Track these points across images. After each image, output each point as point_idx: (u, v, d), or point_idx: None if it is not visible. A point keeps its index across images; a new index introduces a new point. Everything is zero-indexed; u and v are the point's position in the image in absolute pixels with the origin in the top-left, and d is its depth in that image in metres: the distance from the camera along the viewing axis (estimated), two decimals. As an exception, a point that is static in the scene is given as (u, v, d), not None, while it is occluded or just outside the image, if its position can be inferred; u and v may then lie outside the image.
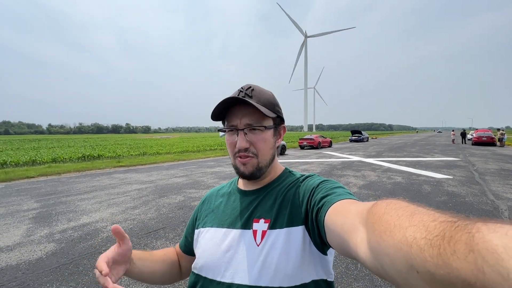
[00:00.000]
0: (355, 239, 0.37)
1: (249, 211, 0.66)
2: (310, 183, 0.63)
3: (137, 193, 6.60)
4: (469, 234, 0.21)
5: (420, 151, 17.85)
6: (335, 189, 0.55)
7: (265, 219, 0.62)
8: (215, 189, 0.82)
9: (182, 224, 4.23)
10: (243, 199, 0.70)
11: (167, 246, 3.45)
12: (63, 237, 3.83)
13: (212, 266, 0.63)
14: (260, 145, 0.64)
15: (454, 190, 6.45)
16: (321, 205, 0.52)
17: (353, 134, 34.27)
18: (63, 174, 10.05)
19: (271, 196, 0.66)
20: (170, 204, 5.50)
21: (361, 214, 0.39)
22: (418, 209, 0.30)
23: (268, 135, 0.66)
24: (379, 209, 0.34)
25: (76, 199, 6.07)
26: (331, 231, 0.46)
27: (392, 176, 8.41)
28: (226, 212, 0.70)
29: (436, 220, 0.25)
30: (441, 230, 0.24)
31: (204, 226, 0.72)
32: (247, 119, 0.63)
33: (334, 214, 0.47)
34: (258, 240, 0.60)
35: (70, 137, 74.43)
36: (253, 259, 0.58)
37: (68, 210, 5.19)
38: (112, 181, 8.41)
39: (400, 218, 0.29)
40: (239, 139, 0.63)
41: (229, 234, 0.65)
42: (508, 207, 5.01)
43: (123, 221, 4.47)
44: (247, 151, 0.64)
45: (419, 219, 0.27)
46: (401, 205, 0.32)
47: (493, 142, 22.41)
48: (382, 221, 0.31)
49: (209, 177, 8.78)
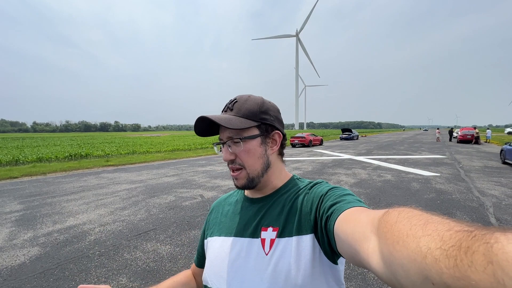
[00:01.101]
0: (366, 248, 0.36)
1: (256, 219, 0.65)
2: (319, 190, 0.61)
3: (126, 193, 6.45)
4: (487, 245, 0.20)
5: (409, 149, 18.25)
6: (344, 197, 0.54)
7: (273, 227, 0.61)
8: (222, 198, 0.82)
9: (173, 225, 4.16)
10: (251, 207, 0.69)
11: (158, 248, 3.37)
12: (48, 240, 3.69)
13: (219, 276, 0.62)
14: (243, 156, 0.63)
15: (442, 187, 6.61)
16: (330, 213, 0.51)
17: (344, 132, 34.76)
18: (48, 174, 9.72)
19: (278, 203, 0.65)
20: (160, 204, 5.40)
21: (372, 223, 0.37)
22: (432, 217, 0.29)
23: (253, 145, 0.64)
24: (391, 218, 0.33)
25: (62, 200, 5.87)
26: (341, 239, 0.45)
27: (382, 174, 8.54)
28: (234, 221, 0.69)
29: (451, 229, 0.24)
30: (457, 240, 0.23)
31: (212, 235, 0.71)
32: (227, 132, 0.64)
33: (344, 222, 0.46)
34: (266, 249, 0.59)
35: (56, 136, 72.27)
36: (261, 269, 0.57)
37: (54, 211, 5.01)
38: (100, 181, 8.20)
39: (413, 228, 0.28)
40: (224, 152, 0.65)
41: (237, 243, 0.64)
42: (492, 204, 5.17)
43: (111, 222, 4.35)
44: (234, 163, 0.64)
45: (433, 228, 0.26)
46: (414, 213, 0.31)
47: (477, 140, 23.17)
48: (395, 230, 0.31)
49: (200, 176, 8.68)
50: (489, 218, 4.37)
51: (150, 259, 3.09)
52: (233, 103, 0.66)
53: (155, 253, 3.23)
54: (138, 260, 3.08)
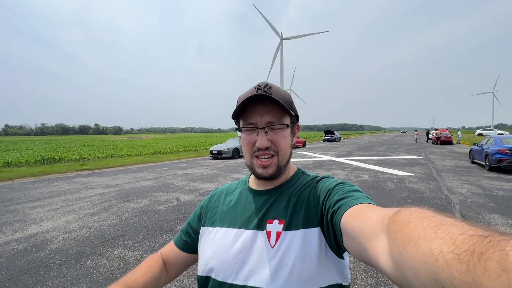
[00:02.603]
0: (375, 247, 0.36)
1: (262, 211, 0.64)
2: (326, 184, 0.61)
3: (98, 198, 6.17)
4: (502, 252, 0.19)
5: (387, 150, 18.89)
6: (352, 192, 0.54)
7: (279, 220, 0.61)
8: (223, 187, 0.79)
9: (144, 230, 4.01)
10: (256, 199, 0.67)
11: (125, 254, 3.23)
12: (4, 250, 3.42)
13: (223, 268, 0.60)
14: (281, 143, 0.63)
15: (414, 186, 6.86)
16: (337, 208, 0.51)
17: (326, 134, 35.42)
18: (15, 179, 9.15)
19: (285, 196, 0.64)
20: (133, 209, 5.20)
21: (382, 221, 0.37)
22: (445, 219, 0.28)
23: (288, 132, 0.65)
24: (402, 218, 0.32)
25: (26, 206, 5.52)
26: (348, 235, 0.45)
27: (359, 175, 8.75)
28: (237, 212, 0.67)
29: (465, 233, 0.24)
30: (470, 245, 0.22)
31: (213, 225, 0.69)
32: (268, 117, 0.61)
33: (351, 218, 0.45)
34: (272, 241, 0.58)
35: (30, 139, 68.48)
36: (267, 261, 0.56)
37: (15, 219, 4.69)
38: (72, 185, 7.81)
39: (425, 229, 0.27)
40: (260, 137, 0.61)
41: (241, 234, 0.62)
42: (459, 201, 5.42)
43: (78, 229, 4.12)
44: (268, 149, 0.62)
45: (446, 231, 0.25)
46: (426, 214, 0.30)
47: (450, 141, 24.38)
48: (406, 230, 0.30)
49: (179, 179, 8.49)
50: (455, 215, 4.56)
51: (114, 267, 2.94)
52: (268, 88, 0.63)
53: (120, 260, 3.09)
54: (102, 268, 2.93)
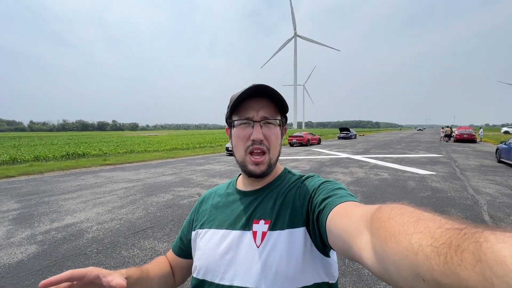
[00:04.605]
0: (359, 243, 0.37)
1: (248, 212, 0.65)
2: (311, 184, 0.63)
3: (124, 192, 6.46)
4: (476, 243, 0.21)
5: (406, 148, 18.34)
6: (336, 191, 0.55)
7: (265, 220, 0.61)
8: (212, 190, 0.81)
9: (171, 223, 4.18)
10: (243, 199, 0.69)
11: (155, 245, 3.40)
12: (45, 238, 3.70)
13: (211, 268, 0.61)
14: (273, 139, 0.64)
15: (437, 185, 6.68)
16: (323, 207, 0.52)
17: (342, 131, 34.81)
18: (45, 173, 9.70)
19: (271, 196, 0.65)
20: (158, 202, 5.42)
21: (365, 218, 0.38)
22: (424, 214, 0.29)
23: (278, 131, 0.67)
24: (384, 214, 0.34)
25: (59, 198, 5.88)
26: (333, 234, 0.46)
27: (378, 173, 8.60)
28: (225, 213, 0.68)
29: (442, 227, 0.25)
30: (447, 238, 0.23)
31: (202, 227, 0.70)
32: (263, 112, 0.63)
33: (336, 217, 0.46)
34: (258, 241, 0.59)
35: (53, 135, 71.82)
36: (253, 261, 0.57)
37: (51, 210, 5.02)
38: (98, 179, 8.19)
39: (405, 224, 0.29)
40: (255, 130, 0.62)
41: (228, 235, 0.63)
42: (486, 201, 5.23)
43: (109, 220, 4.36)
44: (261, 144, 0.63)
45: (424, 226, 0.27)
46: (406, 210, 0.32)
47: (473, 139, 23.32)
48: (387, 226, 0.31)
49: (198, 175, 8.70)
50: (483, 216, 4.43)
51: (147, 256, 3.12)
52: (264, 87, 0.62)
53: (152, 251, 3.26)
54: (136, 257, 3.11)
